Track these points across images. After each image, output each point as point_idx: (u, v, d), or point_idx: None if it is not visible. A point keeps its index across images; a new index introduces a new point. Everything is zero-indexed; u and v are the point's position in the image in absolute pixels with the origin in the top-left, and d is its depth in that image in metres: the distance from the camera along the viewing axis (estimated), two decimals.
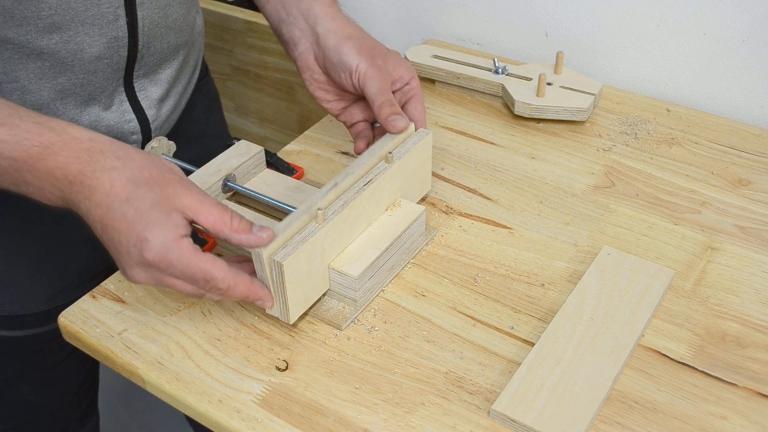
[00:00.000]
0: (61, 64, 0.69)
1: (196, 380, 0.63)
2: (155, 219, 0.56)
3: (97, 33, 0.69)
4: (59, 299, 0.81)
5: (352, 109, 0.81)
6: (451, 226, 0.78)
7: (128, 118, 0.78)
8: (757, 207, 0.79)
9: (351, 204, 0.66)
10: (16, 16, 0.65)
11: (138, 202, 0.56)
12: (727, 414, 0.59)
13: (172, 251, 0.56)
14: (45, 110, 0.71)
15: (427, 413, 0.60)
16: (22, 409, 0.93)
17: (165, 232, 0.56)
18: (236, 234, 0.59)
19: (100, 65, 0.72)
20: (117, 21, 0.70)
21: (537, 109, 0.90)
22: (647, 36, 0.97)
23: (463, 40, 1.12)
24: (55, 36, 0.67)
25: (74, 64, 0.70)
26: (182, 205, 0.58)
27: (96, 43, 0.70)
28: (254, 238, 0.60)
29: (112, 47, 0.72)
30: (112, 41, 0.71)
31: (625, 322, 0.64)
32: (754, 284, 0.70)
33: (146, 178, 0.57)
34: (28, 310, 0.83)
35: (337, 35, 0.75)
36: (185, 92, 0.88)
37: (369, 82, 0.73)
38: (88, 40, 0.69)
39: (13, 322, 0.83)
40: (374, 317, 0.68)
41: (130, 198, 0.56)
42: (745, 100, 0.95)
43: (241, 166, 0.78)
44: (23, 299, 0.82)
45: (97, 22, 0.69)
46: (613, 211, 0.79)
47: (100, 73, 0.73)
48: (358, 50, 0.74)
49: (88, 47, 0.70)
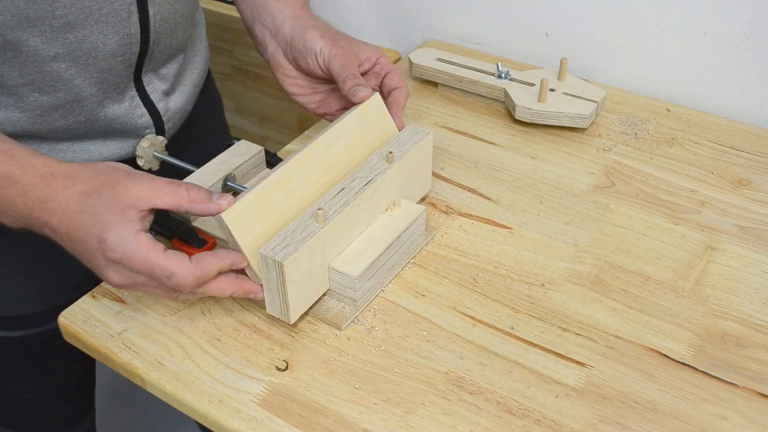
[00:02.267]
0: (76, 65, 0.70)
1: (196, 380, 0.63)
2: (109, 219, 0.57)
3: (111, 30, 0.70)
4: (55, 300, 0.81)
5: (328, 99, 0.82)
6: (451, 226, 0.78)
7: (140, 113, 0.78)
8: (757, 207, 0.79)
9: (351, 204, 0.66)
10: (30, 17, 0.65)
11: (91, 209, 0.58)
12: (727, 414, 0.59)
13: (130, 246, 0.57)
14: (61, 111, 0.72)
15: (427, 413, 0.60)
16: (20, 406, 0.93)
17: (120, 229, 0.57)
18: (196, 204, 0.60)
19: (114, 62, 0.72)
20: (130, 17, 0.71)
21: (538, 114, 0.90)
22: (647, 36, 0.97)
23: (463, 40, 1.12)
24: (70, 35, 0.68)
25: (89, 63, 0.70)
26: (134, 198, 0.58)
27: (110, 41, 0.70)
28: (214, 206, 0.61)
29: (125, 44, 0.72)
30: (125, 38, 0.72)
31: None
32: (754, 284, 0.70)
33: (96, 186, 0.59)
34: (23, 311, 0.83)
35: (301, 26, 0.78)
36: (194, 89, 0.88)
37: (333, 60, 0.75)
38: (102, 39, 0.70)
39: (8, 322, 0.83)
40: (374, 317, 0.68)
41: (84, 208, 0.58)
42: (745, 100, 0.95)
43: (241, 166, 0.78)
44: (20, 300, 0.82)
45: (110, 19, 0.69)
46: (613, 211, 0.79)
47: (114, 71, 0.73)
48: (321, 34, 0.77)
49: (102, 45, 0.70)
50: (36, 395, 0.92)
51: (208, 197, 0.61)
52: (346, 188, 0.67)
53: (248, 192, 0.62)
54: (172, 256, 0.58)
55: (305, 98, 0.83)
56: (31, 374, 0.90)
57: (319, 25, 0.79)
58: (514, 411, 0.60)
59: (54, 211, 0.59)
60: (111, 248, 0.57)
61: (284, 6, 0.80)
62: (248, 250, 0.62)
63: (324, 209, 0.64)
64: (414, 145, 0.73)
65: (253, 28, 0.83)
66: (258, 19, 0.82)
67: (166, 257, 0.58)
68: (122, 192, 0.58)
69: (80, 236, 0.58)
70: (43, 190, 0.59)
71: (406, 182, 0.74)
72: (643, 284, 0.70)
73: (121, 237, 0.57)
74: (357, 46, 0.79)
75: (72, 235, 0.59)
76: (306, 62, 0.78)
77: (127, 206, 0.58)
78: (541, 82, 0.90)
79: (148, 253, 0.57)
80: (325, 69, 0.77)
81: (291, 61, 0.80)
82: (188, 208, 0.60)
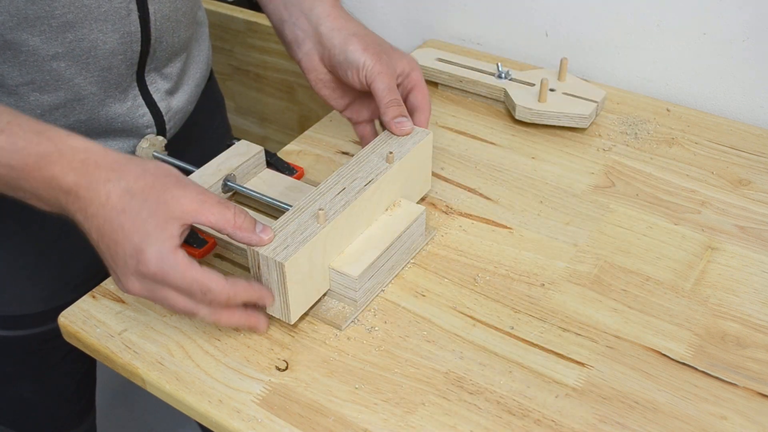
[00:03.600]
0: (76, 64, 0.69)
1: (196, 380, 0.63)
2: (151, 231, 0.56)
3: (111, 29, 0.70)
4: (57, 300, 0.81)
5: (357, 106, 0.81)
6: (451, 226, 0.78)
7: (142, 112, 0.78)
8: (757, 207, 0.79)
9: (352, 204, 0.66)
10: (29, 17, 0.65)
11: (134, 213, 0.56)
12: (727, 414, 0.59)
13: (168, 262, 0.56)
14: (62, 110, 0.72)
15: (427, 413, 0.60)
16: (21, 405, 0.93)
17: (161, 243, 0.56)
18: (239, 231, 0.59)
19: (114, 61, 0.72)
20: (129, 16, 0.70)
21: (538, 114, 0.90)
22: (647, 36, 0.97)
23: (463, 40, 1.12)
24: (69, 35, 0.67)
25: (89, 62, 0.70)
26: (181, 211, 0.57)
27: (110, 40, 0.70)
28: (256, 238, 0.60)
29: (126, 43, 0.72)
30: (125, 36, 0.71)
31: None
32: (754, 284, 0.70)
33: (142, 188, 0.57)
34: (25, 311, 0.83)
35: (342, 33, 0.75)
36: (197, 88, 0.88)
37: (377, 78, 0.73)
38: (102, 37, 0.69)
39: (10, 322, 0.83)
40: (374, 317, 0.68)
41: (126, 209, 0.56)
42: (745, 100, 0.95)
43: (241, 166, 0.78)
44: (21, 300, 0.82)
45: (110, 18, 0.69)
46: (613, 211, 0.79)
47: (115, 70, 0.73)
48: (363, 47, 0.74)
49: (102, 44, 0.70)
50: (36, 395, 0.92)
51: (252, 226, 0.60)
52: (347, 188, 0.67)
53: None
54: (209, 272, 0.58)
55: (335, 101, 0.81)
56: (32, 374, 0.90)
57: (360, 32, 0.76)
58: (514, 411, 0.60)
59: (90, 200, 0.57)
60: (147, 261, 0.56)
61: (315, 2, 0.77)
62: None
63: (324, 209, 0.64)
64: (414, 145, 0.73)
65: (283, 28, 0.80)
66: (289, 18, 0.79)
67: (203, 273, 0.57)
68: (169, 201, 0.57)
69: (115, 237, 0.57)
70: (84, 176, 0.56)
71: (406, 182, 0.74)
72: (643, 284, 0.70)
73: (160, 253, 0.56)
74: (395, 57, 0.76)
75: (104, 231, 0.57)
76: (345, 74, 0.75)
77: (171, 218, 0.57)
78: (541, 82, 0.90)
79: (186, 270, 0.57)
80: (366, 85, 0.74)
81: (327, 66, 0.78)
82: (231, 233, 0.59)
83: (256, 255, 0.61)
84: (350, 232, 0.68)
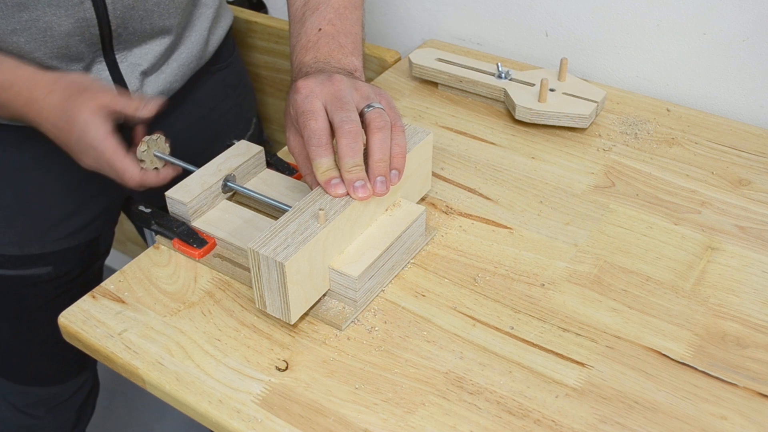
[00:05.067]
0: (34, 40, 0.75)
1: (196, 380, 0.63)
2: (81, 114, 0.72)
3: (64, 14, 0.74)
4: (31, 248, 0.89)
5: None
6: (451, 226, 0.78)
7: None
8: (757, 207, 0.79)
9: (352, 204, 0.66)
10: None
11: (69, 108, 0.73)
12: (727, 414, 0.59)
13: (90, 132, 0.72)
14: None
15: (427, 413, 0.60)
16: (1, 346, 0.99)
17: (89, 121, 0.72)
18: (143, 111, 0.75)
19: (71, 41, 0.77)
20: (83, 3, 0.75)
21: (538, 114, 0.90)
22: (647, 36, 0.97)
23: (463, 40, 1.12)
24: (24, 14, 0.73)
25: (46, 41, 0.76)
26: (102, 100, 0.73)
27: (64, 23, 0.75)
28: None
29: (82, 27, 0.76)
30: (80, 21, 0.76)
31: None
32: (754, 284, 0.70)
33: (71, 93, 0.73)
34: (1, 252, 0.88)
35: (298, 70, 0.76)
36: (186, 68, 0.89)
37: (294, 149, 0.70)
38: (57, 20, 0.74)
39: None
40: (374, 317, 0.68)
41: (65, 109, 0.73)
42: (745, 100, 0.95)
43: (241, 166, 0.78)
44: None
45: (62, 3, 0.74)
46: (613, 211, 0.79)
47: (74, 48, 0.78)
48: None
49: (57, 26, 0.75)
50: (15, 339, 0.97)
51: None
52: None
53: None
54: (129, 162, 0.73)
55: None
56: (11, 315, 0.95)
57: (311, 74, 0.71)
58: (514, 411, 0.60)
59: (41, 109, 0.74)
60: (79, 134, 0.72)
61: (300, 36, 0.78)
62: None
63: (324, 210, 0.64)
64: (414, 146, 0.73)
65: (294, 48, 0.79)
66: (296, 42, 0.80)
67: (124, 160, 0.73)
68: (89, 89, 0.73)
69: (64, 130, 0.73)
70: (32, 93, 0.74)
71: (406, 182, 0.74)
72: (643, 284, 0.70)
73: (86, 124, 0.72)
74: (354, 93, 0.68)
75: (58, 127, 0.74)
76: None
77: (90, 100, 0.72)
78: (541, 82, 0.90)
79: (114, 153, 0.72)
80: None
81: None
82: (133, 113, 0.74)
83: (256, 255, 0.61)
84: (350, 232, 0.68)
